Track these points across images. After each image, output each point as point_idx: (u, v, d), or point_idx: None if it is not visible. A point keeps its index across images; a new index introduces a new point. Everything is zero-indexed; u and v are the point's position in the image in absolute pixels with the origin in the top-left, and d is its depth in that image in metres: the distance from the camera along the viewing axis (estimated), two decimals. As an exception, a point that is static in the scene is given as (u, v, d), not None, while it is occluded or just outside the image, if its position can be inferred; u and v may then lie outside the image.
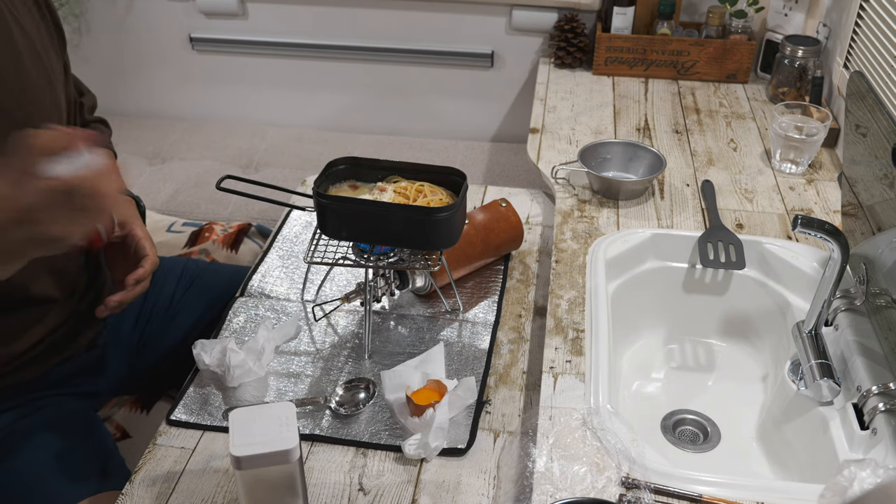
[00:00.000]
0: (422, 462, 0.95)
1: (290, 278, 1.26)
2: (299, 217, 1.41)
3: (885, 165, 0.99)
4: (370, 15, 2.13)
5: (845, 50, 1.60)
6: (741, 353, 1.28)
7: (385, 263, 1.08)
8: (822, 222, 0.95)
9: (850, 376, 1.02)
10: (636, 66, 1.87)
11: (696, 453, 1.13)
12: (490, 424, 1.00)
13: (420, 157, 2.14)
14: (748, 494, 0.86)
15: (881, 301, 1.01)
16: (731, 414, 1.18)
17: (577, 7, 1.99)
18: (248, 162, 2.17)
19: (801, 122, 1.45)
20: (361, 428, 0.99)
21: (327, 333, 1.15)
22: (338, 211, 1.03)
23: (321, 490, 0.91)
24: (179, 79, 2.36)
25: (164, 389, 1.33)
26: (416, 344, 1.12)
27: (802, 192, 1.42)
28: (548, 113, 1.72)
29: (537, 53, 2.12)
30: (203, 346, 1.06)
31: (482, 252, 1.23)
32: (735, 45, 1.82)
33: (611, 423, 0.94)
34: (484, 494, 0.91)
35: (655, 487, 0.86)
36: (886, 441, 0.90)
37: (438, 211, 1.00)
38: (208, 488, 0.92)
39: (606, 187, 1.37)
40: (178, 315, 1.27)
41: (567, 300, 1.15)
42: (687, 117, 1.69)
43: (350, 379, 1.06)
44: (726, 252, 1.23)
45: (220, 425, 0.99)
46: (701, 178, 1.45)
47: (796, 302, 1.19)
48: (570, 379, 1.01)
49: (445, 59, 2.18)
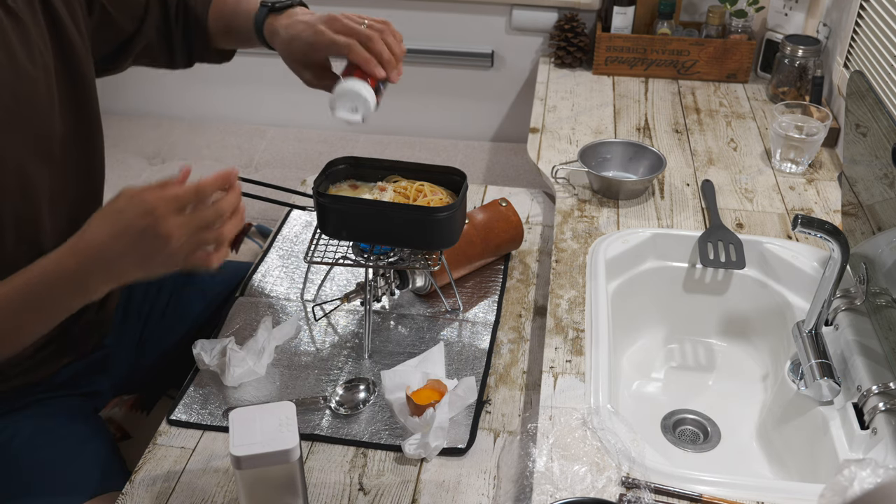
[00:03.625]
0: (422, 462, 0.95)
1: (290, 278, 1.26)
2: (299, 217, 1.41)
3: (885, 165, 0.99)
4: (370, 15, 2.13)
5: (845, 49, 1.60)
6: (741, 352, 1.28)
7: (385, 263, 1.08)
8: (822, 222, 0.95)
9: (850, 376, 1.02)
10: (636, 65, 1.87)
11: (696, 453, 1.13)
12: (490, 424, 1.00)
13: (420, 157, 2.14)
14: (748, 494, 0.86)
15: (881, 301, 1.01)
16: (731, 414, 1.18)
17: (577, 7, 1.99)
18: (248, 162, 2.17)
19: (801, 122, 1.45)
20: (361, 428, 0.99)
21: (327, 333, 1.15)
22: (338, 211, 1.03)
23: (321, 490, 0.91)
24: (179, 79, 2.35)
25: (164, 389, 1.33)
26: (416, 344, 1.12)
27: (802, 191, 1.42)
28: (548, 113, 1.72)
29: (537, 53, 2.12)
30: (203, 345, 1.06)
31: (482, 252, 1.23)
32: (735, 45, 1.82)
33: (611, 423, 0.94)
34: (484, 494, 0.91)
35: (655, 487, 0.86)
36: (886, 441, 0.90)
37: (438, 211, 1.00)
38: (208, 488, 0.92)
39: (606, 187, 1.37)
40: (178, 313, 1.27)
41: (567, 300, 1.15)
42: (687, 117, 1.69)
43: (350, 379, 1.06)
44: (726, 252, 1.23)
45: (220, 425, 0.99)
46: (701, 178, 1.45)
47: (796, 302, 1.19)
48: (570, 379, 1.01)
49: (445, 59, 2.18)
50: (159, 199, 0.79)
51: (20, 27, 0.94)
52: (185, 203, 0.80)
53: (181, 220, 0.80)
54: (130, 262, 0.82)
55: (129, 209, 0.80)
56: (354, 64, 0.99)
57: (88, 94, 1.04)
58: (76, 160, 1.03)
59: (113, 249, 0.81)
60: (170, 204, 0.79)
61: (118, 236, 0.81)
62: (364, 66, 0.98)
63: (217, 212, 0.82)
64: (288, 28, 1.05)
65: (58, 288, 0.85)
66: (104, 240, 0.81)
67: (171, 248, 0.80)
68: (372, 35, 0.99)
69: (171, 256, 0.81)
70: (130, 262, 0.82)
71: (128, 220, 0.80)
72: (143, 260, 0.82)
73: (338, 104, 0.99)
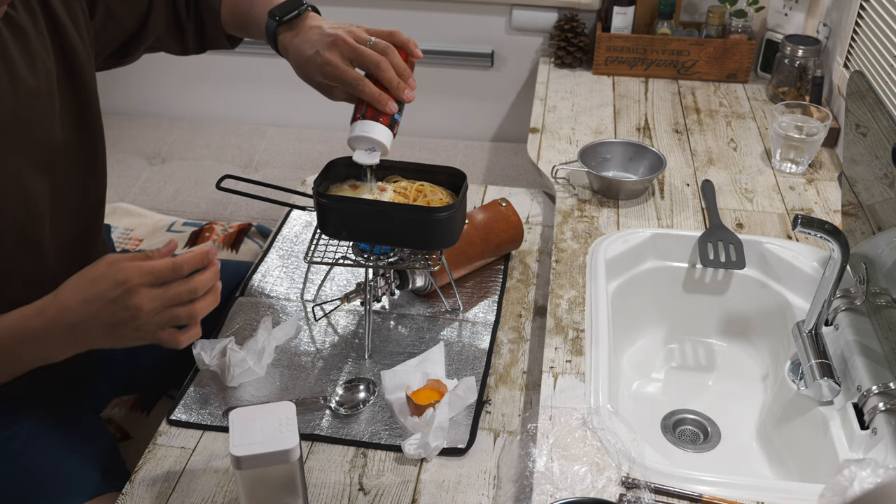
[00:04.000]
0: (422, 462, 0.95)
1: (290, 278, 1.26)
2: (299, 217, 1.41)
3: (885, 165, 0.99)
4: (370, 15, 2.13)
5: (845, 49, 1.60)
6: (741, 352, 1.28)
7: (385, 263, 1.08)
8: (822, 222, 0.95)
9: (850, 376, 1.02)
10: (636, 65, 1.87)
11: (696, 453, 1.13)
12: (490, 424, 1.00)
13: (420, 157, 2.14)
14: (748, 494, 0.86)
15: (881, 301, 1.01)
16: (731, 414, 1.18)
17: (577, 7, 1.99)
18: (248, 162, 2.17)
19: (801, 122, 1.45)
20: (361, 428, 0.99)
21: (327, 333, 1.15)
22: (338, 211, 1.03)
23: (321, 490, 0.91)
24: (179, 79, 2.36)
25: (164, 389, 1.33)
26: (416, 344, 1.12)
27: (802, 191, 1.42)
28: (548, 113, 1.72)
29: (537, 53, 2.12)
30: (203, 345, 1.06)
31: (482, 252, 1.23)
32: (735, 45, 1.82)
33: (611, 423, 0.94)
34: (484, 494, 0.91)
35: (655, 487, 0.86)
36: (886, 441, 0.90)
37: (438, 211, 1.00)
38: (208, 488, 0.92)
39: (606, 187, 1.37)
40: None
41: (567, 300, 1.15)
42: (687, 117, 1.69)
43: (350, 379, 1.06)
44: (726, 252, 1.23)
45: (220, 425, 0.99)
46: (701, 178, 1.45)
47: (796, 302, 1.19)
48: (570, 379, 1.01)
49: (445, 59, 2.18)
50: (134, 270, 0.80)
51: (21, 37, 0.94)
52: (161, 278, 0.81)
53: (153, 294, 0.80)
54: (97, 329, 0.82)
55: (104, 278, 0.81)
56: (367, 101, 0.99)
57: (89, 99, 1.04)
58: (77, 166, 1.03)
59: (79, 315, 0.82)
60: (144, 277, 0.80)
61: (88, 302, 0.81)
62: (376, 105, 0.98)
63: (191, 289, 0.82)
64: (297, 51, 1.04)
65: (20, 346, 0.85)
66: (73, 305, 0.82)
67: (140, 321, 0.80)
68: (380, 61, 0.97)
69: (138, 329, 0.81)
70: (97, 330, 0.82)
71: (100, 289, 0.81)
72: (110, 329, 0.82)
73: (355, 147, 1.00)
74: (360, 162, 1.00)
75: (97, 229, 1.14)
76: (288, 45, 1.05)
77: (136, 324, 0.81)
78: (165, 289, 0.81)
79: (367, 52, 0.98)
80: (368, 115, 0.98)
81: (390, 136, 0.99)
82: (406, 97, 0.99)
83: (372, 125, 0.98)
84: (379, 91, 0.97)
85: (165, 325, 0.82)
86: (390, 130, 0.99)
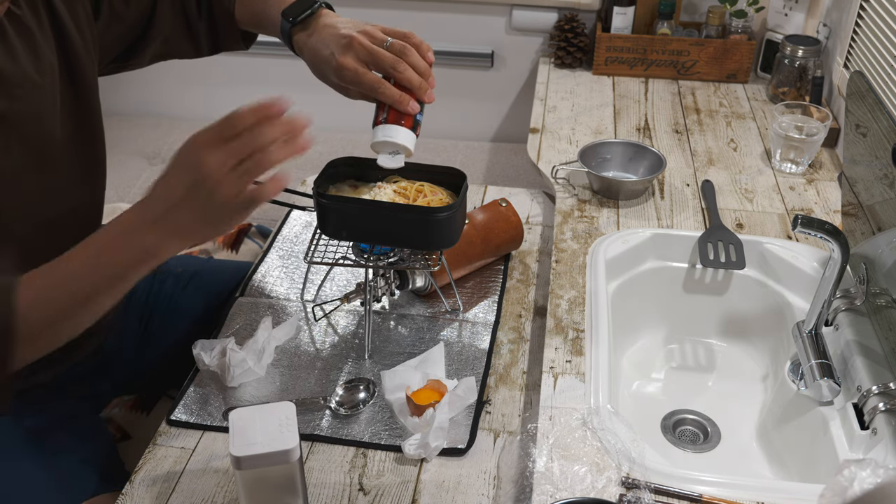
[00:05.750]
0: (422, 462, 0.95)
1: (290, 278, 1.26)
2: (299, 217, 1.41)
3: (885, 165, 0.99)
4: (370, 15, 2.12)
5: (845, 50, 1.60)
6: (741, 353, 1.28)
7: (385, 263, 1.08)
8: (822, 222, 0.95)
9: (850, 376, 1.02)
10: (636, 65, 1.87)
11: (696, 453, 1.13)
12: (490, 424, 1.00)
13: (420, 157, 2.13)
14: (748, 494, 0.86)
15: (881, 301, 1.01)
16: (731, 414, 1.18)
17: (577, 7, 1.99)
18: (248, 162, 2.16)
19: (801, 122, 1.45)
20: (361, 428, 0.99)
21: (327, 333, 1.15)
22: (338, 211, 1.03)
23: (321, 490, 0.91)
24: (179, 79, 2.36)
25: (164, 389, 1.33)
26: (416, 344, 1.12)
27: (802, 191, 1.42)
28: (548, 113, 1.72)
29: (537, 53, 2.12)
30: (203, 345, 1.06)
31: (482, 252, 1.23)
32: (735, 45, 1.82)
33: (611, 423, 0.94)
34: (484, 494, 0.91)
35: (655, 487, 0.86)
36: (886, 441, 0.90)
37: (438, 211, 1.00)
38: (208, 488, 0.92)
39: (606, 187, 1.37)
40: (178, 313, 1.27)
41: (567, 300, 1.15)
42: (687, 117, 1.69)
43: (350, 379, 1.06)
44: (726, 252, 1.23)
45: (220, 425, 0.99)
46: (701, 178, 1.45)
47: (796, 302, 1.19)
48: (570, 379, 1.01)
49: (445, 59, 2.18)
50: (194, 134, 0.78)
51: (26, 36, 0.94)
52: (220, 131, 0.77)
53: (217, 148, 0.77)
54: (182, 205, 0.78)
55: (174, 156, 0.80)
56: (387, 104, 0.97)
57: (90, 99, 1.04)
58: (76, 164, 1.03)
59: (160, 195, 0.79)
60: (202, 134, 0.78)
61: (164, 180, 0.79)
62: (397, 107, 0.96)
63: (256, 134, 0.77)
64: (312, 52, 1.03)
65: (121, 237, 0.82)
66: (154, 191, 0.80)
67: (214, 180, 0.76)
68: (396, 63, 0.96)
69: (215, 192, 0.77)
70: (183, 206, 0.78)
71: (170, 164, 0.79)
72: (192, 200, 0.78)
73: (379, 151, 0.99)
74: (385, 166, 0.98)
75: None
76: (303, 45, 1.05)
77: (210, 184, 0.76)
78: (228, 140, 0.77)
79: (384, 53, 0.97)
80: (391, 118, 0.97)
81: (413, 139, 0.98)
82: (427, 98, 0.98)
83: (394, 129, 0.96)
84: (399, 92, 0.96)
85: (243, 179, 0.77)
86: (413, 132, 0.98)
